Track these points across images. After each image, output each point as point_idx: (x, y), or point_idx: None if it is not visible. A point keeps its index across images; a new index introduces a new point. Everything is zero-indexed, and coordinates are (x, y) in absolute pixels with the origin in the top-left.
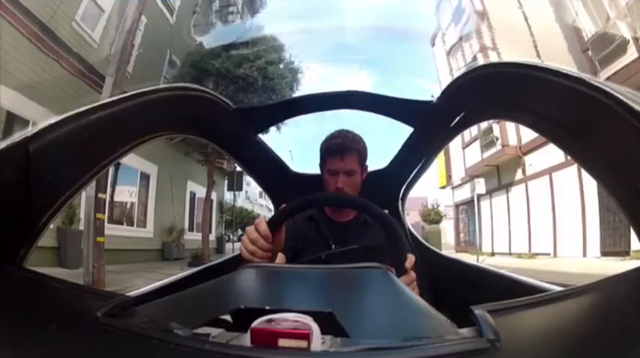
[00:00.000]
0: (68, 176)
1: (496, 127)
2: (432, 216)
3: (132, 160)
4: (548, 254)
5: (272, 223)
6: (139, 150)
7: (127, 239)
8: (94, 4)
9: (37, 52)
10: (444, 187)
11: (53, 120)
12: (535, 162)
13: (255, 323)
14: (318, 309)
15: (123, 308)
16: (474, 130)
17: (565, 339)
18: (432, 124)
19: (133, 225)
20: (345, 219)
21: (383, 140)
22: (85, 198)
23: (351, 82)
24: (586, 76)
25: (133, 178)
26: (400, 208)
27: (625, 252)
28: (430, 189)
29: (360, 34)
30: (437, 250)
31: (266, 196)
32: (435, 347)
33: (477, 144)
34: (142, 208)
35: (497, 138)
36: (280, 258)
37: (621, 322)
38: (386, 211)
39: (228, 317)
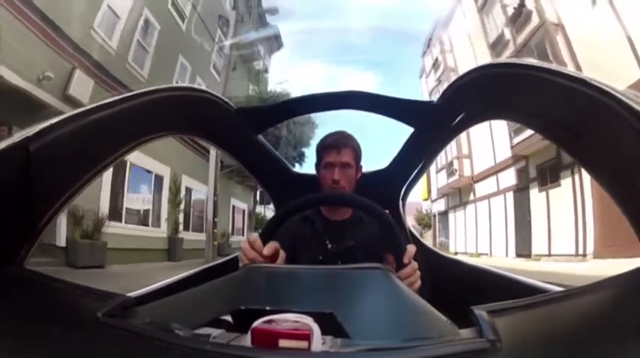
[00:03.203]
0: (69, 176)
1: (456, 161)
2: (426, 221)
3: (201, 186)
4: (487, 254)
5: (265, 235)
6: (203, 178)
7: (199, 242)
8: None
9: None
10: (426, 200)
11: (54, 120)
12: (481, 189)
13: (255, 324)
14: (319, 310)
15: (123, 309)
16: (442, 160)
17: (565, 340)
18: (432, 125)
19: (201, 231)
20: (341, 217)
21: (383, 141)
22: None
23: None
24: (586, 76)
25: (201, 199)
26: (401, 208)
27: (528, 255)
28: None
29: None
30: (437, 250)
31: None
32: (436, 347)
33: (445, 171)
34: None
35: (456, 170)
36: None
37: (621, 323)
38: (387, 211)
39: (228, 318)
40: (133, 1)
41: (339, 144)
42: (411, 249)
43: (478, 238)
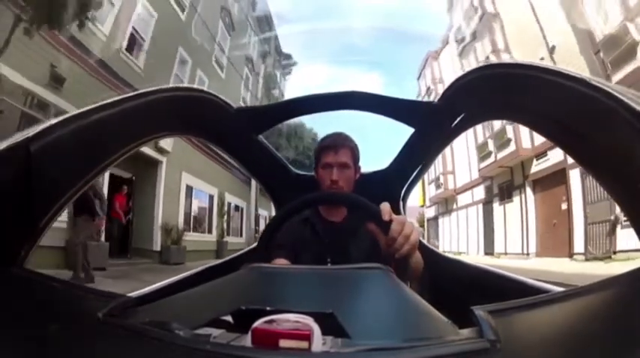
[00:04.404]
0: (69, 176)
1: (442, 177)
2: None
3: (236, 199)
4: (465, 252)
5: (265, 239)
6: (238, 192)
7: (236, 244)
8: None
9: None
10: (422, 206)
11: (54, 120)
12: (461, 199)
13: (256, 324)
14: (319, 310)
15: (124, 309)
16: (431, 175)
17: (565, 340)
18: (432, 125)
19: (237, 236)
20: (340, 218)
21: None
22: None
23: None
24: (586, 76)
25: (235, 210)
26: (401, 209)
27: (492, 253)
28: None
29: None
30: (437, 250)
31: None
32: (436, 347)
33: (434, 184)
34: (240, 226)
35: (441, 184)
36: (281, 261)
37: (621, 323)
38: None
39: (229, 318)
40: (190, 68)
41: (336, 144)
42: (385, 206)
43: (459, 239)
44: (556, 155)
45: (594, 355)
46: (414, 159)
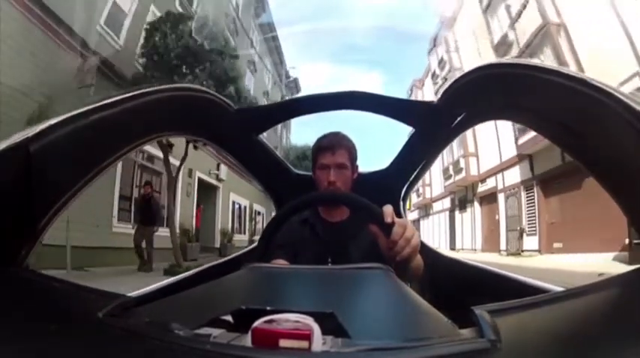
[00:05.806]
0: (69, 177)
1: (421, 189)
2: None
3: (258, 206)
4: (438, 247)
5: (265, 240)
6: (259, 200)
7: None
8: None
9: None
10: (408, 209)
11: (54, 120)
12: (435, 207)
13: (256, 324)
14: (319, 310)
15: (124, 309)
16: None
17: (565, 339)
18: (433, 125)
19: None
20: (340, 218)
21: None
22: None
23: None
24: (587, 76)
25: (257, 215)
26: (401, 209)
27: (454, 249)
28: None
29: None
30: (437, 250)
31: None
32: (436, 347)
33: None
34: (262, 227)
35: (421, 193)
36: (280, 261)
37: (621, 322)
38: None
39: (229, 318)
40: None
41: (333, 145)
42: (387, 208)
43: (434, 238)
44: (491, 181)
45: (594, 355)
46: (414, 159)
